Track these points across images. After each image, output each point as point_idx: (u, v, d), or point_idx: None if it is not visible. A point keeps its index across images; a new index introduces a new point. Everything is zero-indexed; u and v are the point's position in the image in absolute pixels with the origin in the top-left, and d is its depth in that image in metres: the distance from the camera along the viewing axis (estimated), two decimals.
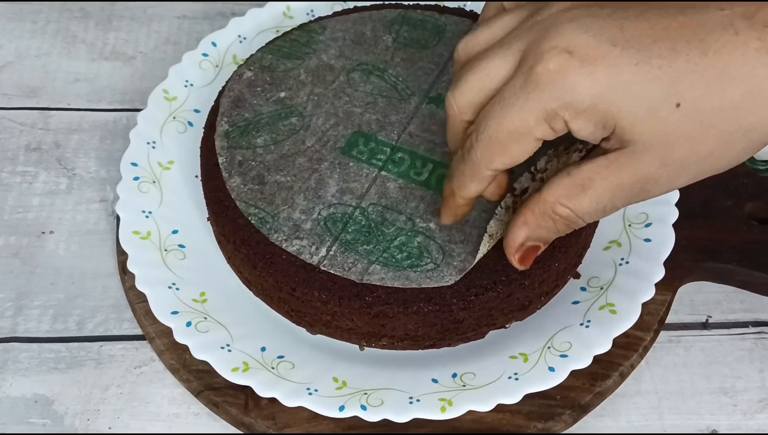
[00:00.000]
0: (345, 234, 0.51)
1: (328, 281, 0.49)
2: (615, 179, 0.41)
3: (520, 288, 0.50)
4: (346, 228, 0.51)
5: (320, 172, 0.53)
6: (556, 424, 0.50)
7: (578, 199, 0.43)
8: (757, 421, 0.52)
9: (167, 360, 0.53)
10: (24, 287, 0.57)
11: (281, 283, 0.50)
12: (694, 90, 0.39)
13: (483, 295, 0.49)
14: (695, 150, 0.40)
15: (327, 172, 0.53)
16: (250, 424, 0.51)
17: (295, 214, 0.52)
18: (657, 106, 0.39)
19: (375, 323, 0.49)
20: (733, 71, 0.39)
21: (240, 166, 0.54)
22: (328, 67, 0.59)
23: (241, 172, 0.53)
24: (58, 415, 0.52)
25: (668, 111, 0.39)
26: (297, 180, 0.53)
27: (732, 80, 0.39)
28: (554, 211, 0.44)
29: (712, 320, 0.56)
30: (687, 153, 0.40)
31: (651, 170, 0.41)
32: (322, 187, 0.53)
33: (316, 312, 0.50)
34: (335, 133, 0.55)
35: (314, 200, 0.52)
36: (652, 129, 0.40)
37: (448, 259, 0.50)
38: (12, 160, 0.64)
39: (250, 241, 0.51)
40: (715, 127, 0.40)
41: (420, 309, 0.49)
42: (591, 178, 0.42)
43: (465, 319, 0.50)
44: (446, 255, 0.50)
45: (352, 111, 0.56)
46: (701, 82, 0.39)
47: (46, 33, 0.71)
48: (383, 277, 0.49)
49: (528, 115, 0.41)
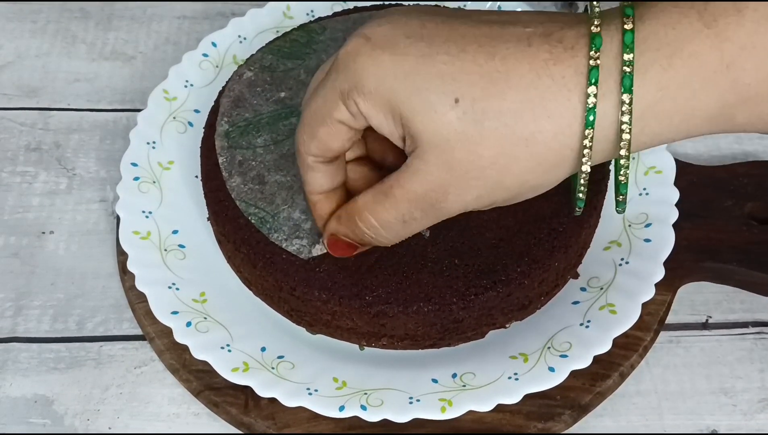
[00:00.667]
0: None
1: (328, 281, 0.49)
2: (409, 186, 0.42)
3: (520, 287, 0.50)
4: None
5: None
6: (556, 424, 0.50)
7: (381, 207, 0.44)
8: (757, 421, 0.52)
9: (167, 360, 0.53)
10: (24, 287, 0.57)
11: (281, 282, 0.50)
12: (474, 89, 0.39)
13: (483, 295, 0.49)
14: (477, 153, 0.40)
15: None
16: (250, 424, 0.51)
17: (295, 213, 0.52)
18: (436, 100, 0.40)
19: (375, 323, 0.49)
20: (517, 78, 0.39)
21: (240, 166, 0.54)
22: None
23: (241, 172, 0.53)
24: (58, 415, 0.52)
25: (447, 106, 0.40)
26: (297, 180, 0.53)
27: (514, 86, 0.39)
28: (360, 218, 0.45)
29: (712, 320, 0.56)
30: (468, 156, 0.40)
31: (438, 175, 0.41)
32: None
33: (316, 312, 0.50)
34: None
35: None
36: (433, 124, 0.40)
37: None
38: (12, 160, 0.64)
39: (251, 241, 0.51)
40: (495, 130, 0.39)
41: (420, 308, 0.49)
42: (392, 185, 0.43)
43: (465, 319, 0.50)
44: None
45: None
46: (482, 82, 0.39)
47: (46, 33, 0.71)
48: None
49: (327, 95, 0.42)
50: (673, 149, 0.63)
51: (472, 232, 0.51)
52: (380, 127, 0.42)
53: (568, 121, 0.39)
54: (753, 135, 0.65)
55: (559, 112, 0.39)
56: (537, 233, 0.51)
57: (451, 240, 0.51)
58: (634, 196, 0.57)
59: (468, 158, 0.40)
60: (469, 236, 0.51)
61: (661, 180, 0.57)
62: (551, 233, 0.51)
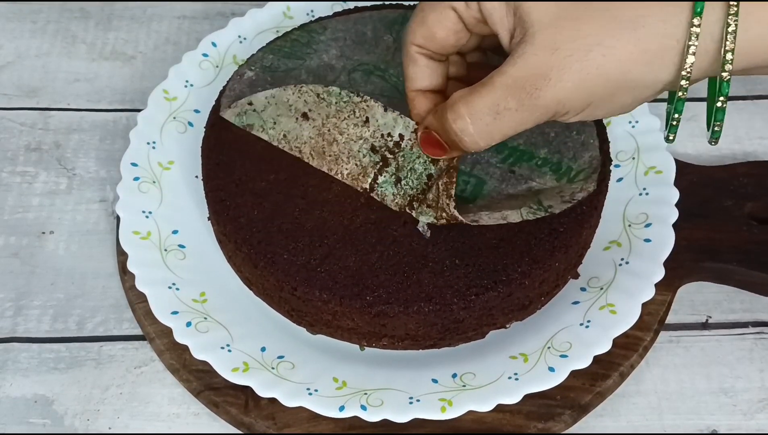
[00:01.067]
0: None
1: (329, 281, 0.49)
2: (511, 71, 0.41)
3: (521, 287, 0.50)
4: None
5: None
6: (556, 424, 0.50)
7: (476, 95, 0.43)
8: (757, 421, 0.52)
9: (167, 360, 0.53)
10: (24, 287, 0.57)
11: (282, 282, 0.50)
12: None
13: (483, 295, 0.49)
14: (584, 32, 0.40)
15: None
16: (250, 424, 0.51)
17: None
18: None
19: (376, 323, 0.50)
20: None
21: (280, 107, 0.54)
22: (329, 67, 0.59)
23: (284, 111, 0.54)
24: (58, 415, 0.52)
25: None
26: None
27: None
28: (451, 109, 0.44)
29: (712, 320, 0.56)
30: (576, 33, 0.40)
31: (543, 56, 0.41)
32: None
33: (316, 312, 0.50)
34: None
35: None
36: (544, 5, 0.41)
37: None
38: (12, 160, 0.64)
39: (252, 241, 0.51)
40: (605, 11, 0.40)
41: (420, 308, 0.49)
42: (491, 76, 0.42)
43: (465, 319, 0.50)
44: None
45: None
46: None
47: (46, 33, 0.71)
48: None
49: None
50: (673, 149, 0.63)
51: (472, 232, 0.51)
52: (491, 13, 0.43)
53: (677, 8, 0.40)
54: (753, 135, 0.65)
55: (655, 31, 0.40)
56: (537, 233, 0.51)
57: (452, 240, 0.51)
58: (634, 195, 0.57)
59: (575, 36, 0.40)
60: (470, 236, 0.51)
61: (661, 180, 0.57)
62: (552, 233, 0.51)
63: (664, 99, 0.66)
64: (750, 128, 0.65)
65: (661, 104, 0.66)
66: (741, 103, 0.67)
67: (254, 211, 0.52)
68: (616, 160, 0.59)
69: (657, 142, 0.59)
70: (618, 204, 0.57)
